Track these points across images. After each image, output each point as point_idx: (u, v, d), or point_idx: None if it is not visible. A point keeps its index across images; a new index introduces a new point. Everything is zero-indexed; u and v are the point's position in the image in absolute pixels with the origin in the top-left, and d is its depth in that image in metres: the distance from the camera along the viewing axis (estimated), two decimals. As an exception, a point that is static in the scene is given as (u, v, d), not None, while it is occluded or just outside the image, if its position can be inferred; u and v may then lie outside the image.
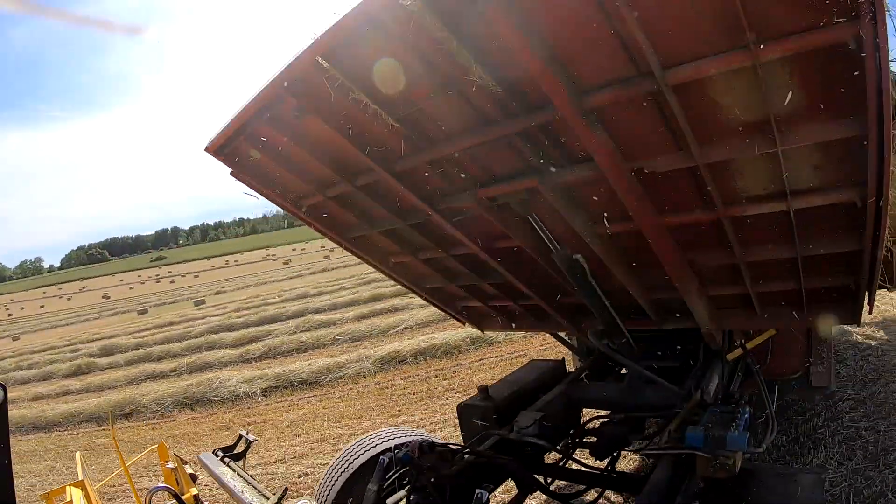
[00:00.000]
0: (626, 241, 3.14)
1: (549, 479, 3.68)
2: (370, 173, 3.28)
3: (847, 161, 2.26)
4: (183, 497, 3.85)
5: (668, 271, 3.11)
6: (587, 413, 4.22)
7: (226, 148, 3.47)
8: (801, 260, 2.87)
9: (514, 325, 4.94)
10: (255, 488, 3.57)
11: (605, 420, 3.74)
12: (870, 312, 3.38)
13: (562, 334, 5.62)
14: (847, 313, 3.27)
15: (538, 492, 3.56)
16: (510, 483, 3.62)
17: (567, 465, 3.67)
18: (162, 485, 3.97)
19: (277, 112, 2.99)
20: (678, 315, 3.78)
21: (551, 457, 3.85)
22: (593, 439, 3.60)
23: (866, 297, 3.09)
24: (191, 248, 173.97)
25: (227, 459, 4.09)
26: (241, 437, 4.23)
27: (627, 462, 5.02)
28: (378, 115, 2.72)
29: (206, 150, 3.53)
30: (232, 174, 3.69)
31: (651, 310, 3.76)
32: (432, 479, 3.02)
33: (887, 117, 1.95)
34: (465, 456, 3.24)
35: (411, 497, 2.94)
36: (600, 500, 3.42)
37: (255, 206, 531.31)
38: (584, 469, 3.57)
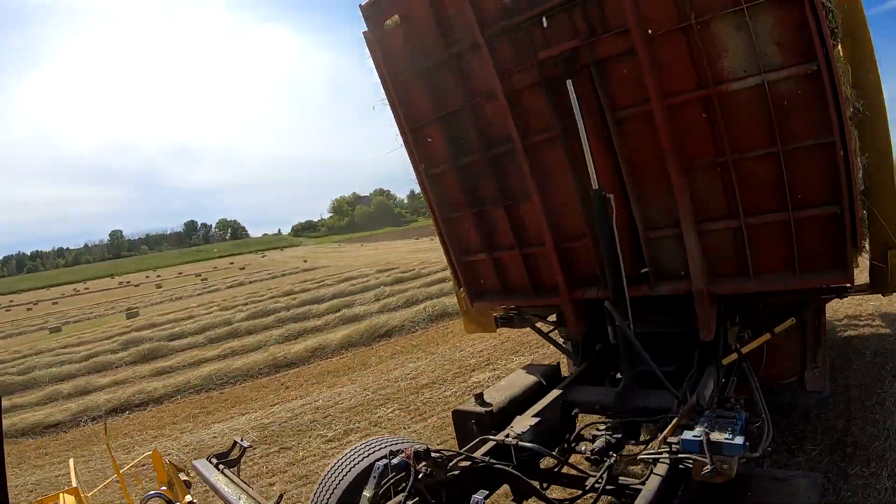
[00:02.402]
0: (638, 141, 3.86)
1: (544, 485, 3.66)
2: (466, 38, 4.17)
3: (797, 38, 3.12)
4: (177, 504, 3.82)
5: (670, 170, 3.72)
6: (583, 418, 4.21)
7: (377, 5, 4.46)
8: (784, 161, 3.42)
9: (508, 296, 5.10)
10: (251, 495, 3.54)
11: (601, 425, 3.73)
12: (858, 253, 3.67)
13: (559, 340, 5.62)
14: (837, 265, 3.52)
15: (534, 497, 3.55)
16: (506, 488, 3.61)
17: (563, 471, 3.66)
18: (155, 492, 3.93)
19: None
20: (671, 278, 4.09)
21: (547, 462, 3.84)
22: (589, 444, 3.59)
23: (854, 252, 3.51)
24: (13, 278, 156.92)
25: (221, 466, 4.05)
26: (235, 443, 4.20)
27: (623, 467, 5.01)
28: None
29: (361, 7, 4.54)
30: (365, 34, 4.64)
31: (649, 260, 4.09)
32: (428, 485, 3.01)
33: None
34: (461, 462, 3.23)
35: (407, 503, 2.92)
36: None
37: (76, 235, 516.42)
38: (580, 474, 3.56)
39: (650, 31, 3.49)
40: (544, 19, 3.84)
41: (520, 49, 4.02)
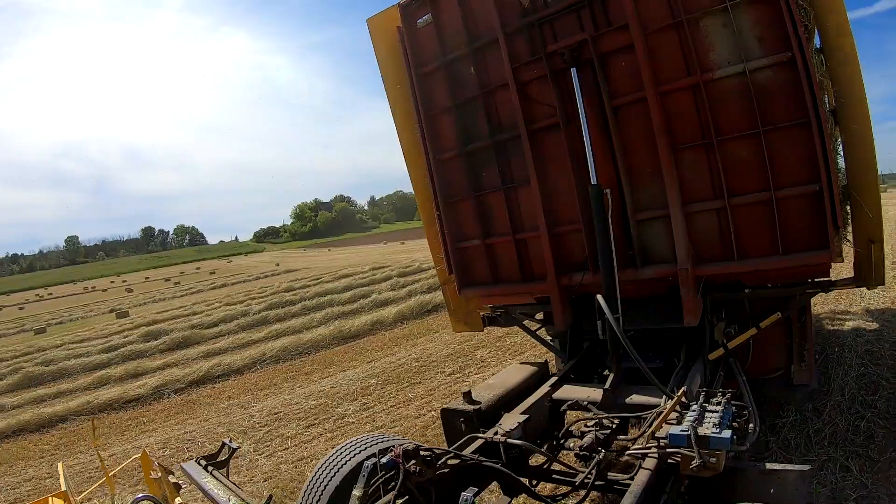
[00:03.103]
0: (633, 128, 4.21)
1: (534, 482, 3.67)
2: (487, 35, 4.69)
3: (774, 32, 3.55)
4: (166, 507, 3.80)
5: (660, 152, 4.01)
6: (571, 415, 4.22)
7: (413, 4, 5.04)
8: (766, 143, 3.71)
9: (497, 284, 5.23)
10: (240, 497, 3.52)
11: (589, 421, 3.75)
12: (841, 237, 3.79)
13: (547, 338, 5.63)
14: (819, 244, 3.69)
15: (524, 494, 3.55)
16: (495, 485, 3.61)
17: (552, 467, 3.67)
18: (144, 495, 3.90)
19: None
20: (657, 262, 4.27)
21: (536, 459, 3.85)
22: (578, 441, 3.60)
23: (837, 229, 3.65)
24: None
25: (210, 468, 4.02)
26: (224, 444, 4.17)
27: (612, 463, 5.03)
28: None
29: (399, 5, 5.09)
30: (399, 29, 5.20)
31: (637, 244, 4.29)
32: (417, 484, 3.00)
33: None
34: (450, 460, 3.23)
35: (397, 502, 2.91)
36: (585, 502, 3.42)
37: (29, 241, 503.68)
38: (569, 471, 3.57)
39: (648, 33, 3.95)
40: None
41: (532, 44, 4.49)
